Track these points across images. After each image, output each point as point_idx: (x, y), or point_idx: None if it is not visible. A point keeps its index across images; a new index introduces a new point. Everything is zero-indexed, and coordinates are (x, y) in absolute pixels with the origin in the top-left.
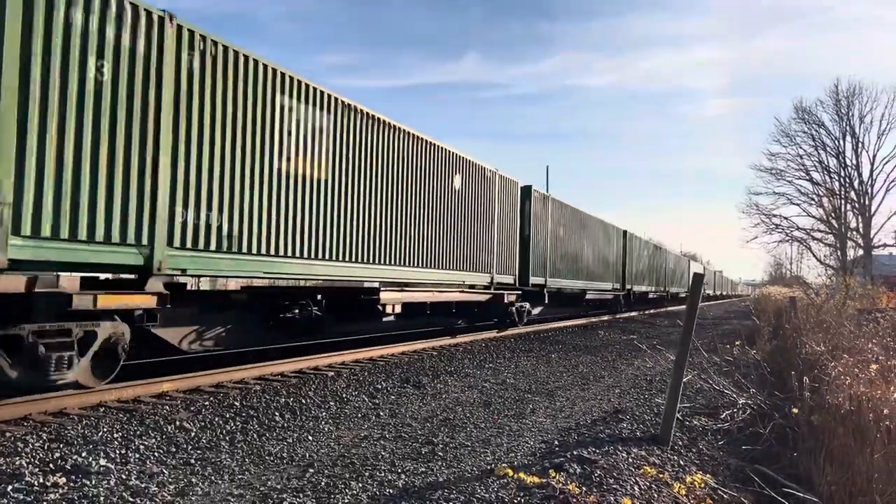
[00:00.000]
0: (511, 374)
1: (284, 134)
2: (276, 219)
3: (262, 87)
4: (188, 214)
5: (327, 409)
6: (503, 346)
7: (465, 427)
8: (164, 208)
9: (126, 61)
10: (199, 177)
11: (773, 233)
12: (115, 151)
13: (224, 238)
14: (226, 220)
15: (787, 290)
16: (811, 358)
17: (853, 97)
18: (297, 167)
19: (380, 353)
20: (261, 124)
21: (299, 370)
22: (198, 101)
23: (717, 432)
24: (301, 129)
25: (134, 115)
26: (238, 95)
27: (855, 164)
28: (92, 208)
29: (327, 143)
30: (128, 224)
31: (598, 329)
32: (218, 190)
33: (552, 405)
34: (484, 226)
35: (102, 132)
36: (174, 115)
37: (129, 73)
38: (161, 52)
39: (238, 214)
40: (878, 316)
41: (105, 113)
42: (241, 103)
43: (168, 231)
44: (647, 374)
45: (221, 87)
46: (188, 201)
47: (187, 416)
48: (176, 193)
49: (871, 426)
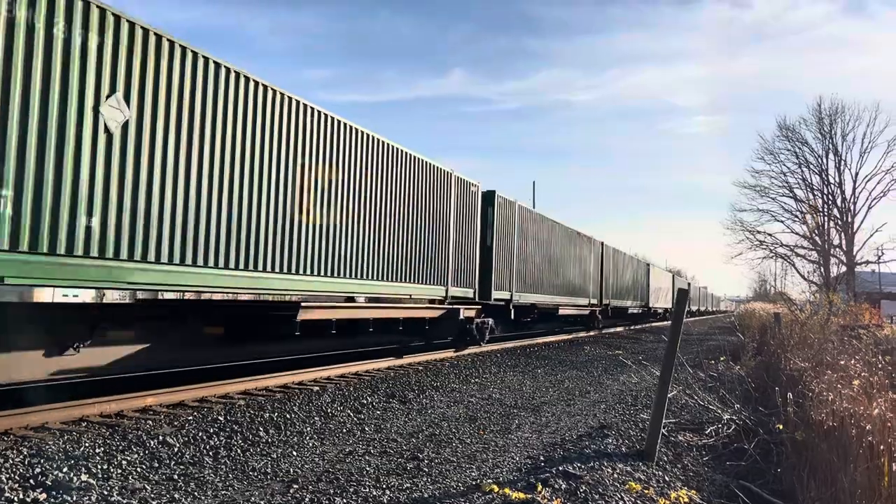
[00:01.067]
0: (497, 389)
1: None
2: (142, 214)
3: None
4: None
5: (312, 425)
6: (489, 360)
7: (451, 442)
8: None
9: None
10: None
11: (757, 249)
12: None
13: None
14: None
15: (771, 306)
16: (795, 374)
17: (835, 116)
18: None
19: (365, 367)
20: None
21: (284, 385)
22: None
23: (702, 448)
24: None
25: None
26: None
27: (838, 182)
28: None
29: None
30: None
31: (583, 345)
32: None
33: (538, 420)
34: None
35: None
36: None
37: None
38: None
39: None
40: (860, 332)
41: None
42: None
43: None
44: (633, 390)
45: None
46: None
47: (171, 431)
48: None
49: (853, 442)
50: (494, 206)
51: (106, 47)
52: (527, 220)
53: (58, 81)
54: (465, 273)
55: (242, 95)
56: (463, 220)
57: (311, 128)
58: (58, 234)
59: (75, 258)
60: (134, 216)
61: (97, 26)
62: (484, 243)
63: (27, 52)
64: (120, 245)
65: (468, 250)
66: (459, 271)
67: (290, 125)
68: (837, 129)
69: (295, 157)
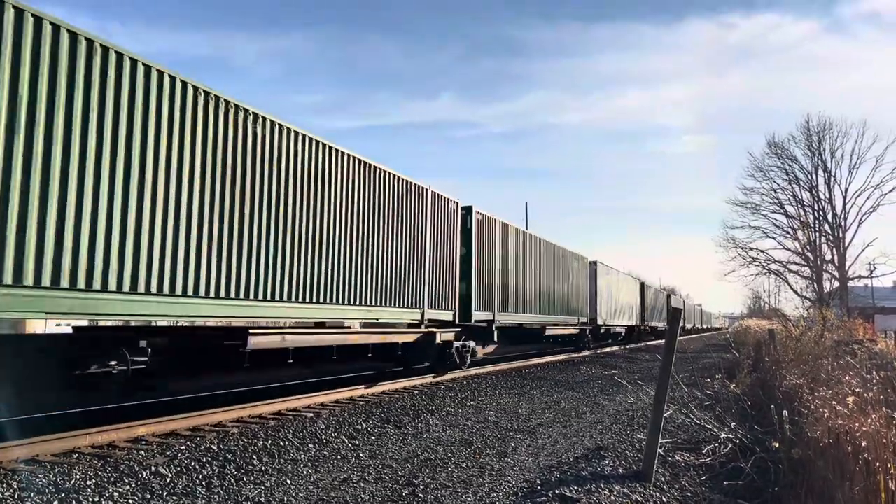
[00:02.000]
0: (493, 411)
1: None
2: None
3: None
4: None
5: (306, 452)
6: (484, 383)
7: (447, 467)
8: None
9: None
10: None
11: (750, 266)
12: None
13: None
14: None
15: (765, 322)
16: (790, 391)
17: (824, 132)
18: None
19: (360, 392)
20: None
21: (278, 412)
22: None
23: (699, 467)
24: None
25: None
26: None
27: (828, 198)
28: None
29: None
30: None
31: (579, 365)
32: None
33: (534, 443)
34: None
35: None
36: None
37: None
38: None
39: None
40: (855, 347)
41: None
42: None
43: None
44: (629, 410)
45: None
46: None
47: (163, 461)
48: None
49: (850, 459)
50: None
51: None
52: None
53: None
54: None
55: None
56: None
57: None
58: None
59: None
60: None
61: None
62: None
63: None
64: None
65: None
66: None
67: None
68: (826, 146)
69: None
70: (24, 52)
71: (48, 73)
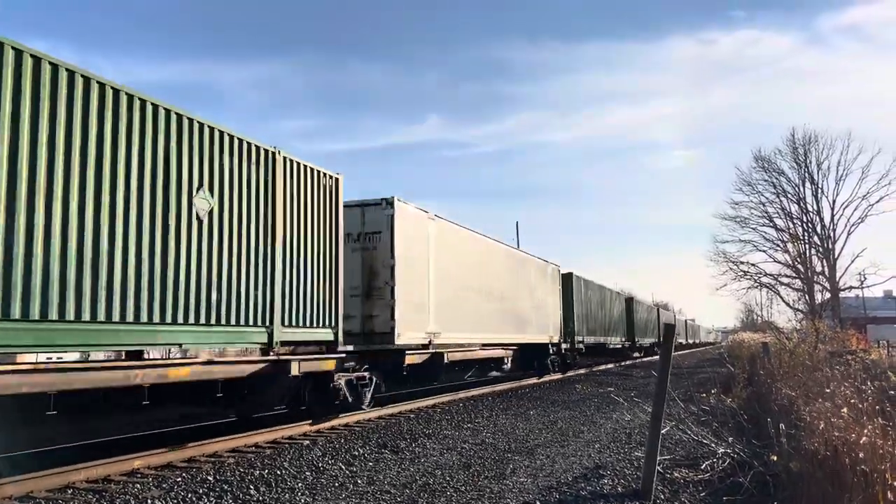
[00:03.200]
0: (490, 433)
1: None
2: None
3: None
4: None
5: (303, 480)
6: (480, 404)
7: (445, 491)
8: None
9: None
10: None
11: (741, 280)
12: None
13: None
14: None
15: (759, 335)
16: (786, 403)
17: (809, 145)
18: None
19: (356, 418)
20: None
21: (274, 440)
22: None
23: (698, 483)
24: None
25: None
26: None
27: (816, 210)
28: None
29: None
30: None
31: (574, 383)
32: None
33: (532, 464)
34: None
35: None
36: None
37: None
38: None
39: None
40: (849, 358)
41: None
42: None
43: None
44: (626, 428)
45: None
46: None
47: (159, 494)
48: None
49: (847, 471)
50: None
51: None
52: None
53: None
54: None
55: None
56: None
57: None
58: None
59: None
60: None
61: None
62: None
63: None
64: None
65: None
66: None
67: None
68: (812, 158)
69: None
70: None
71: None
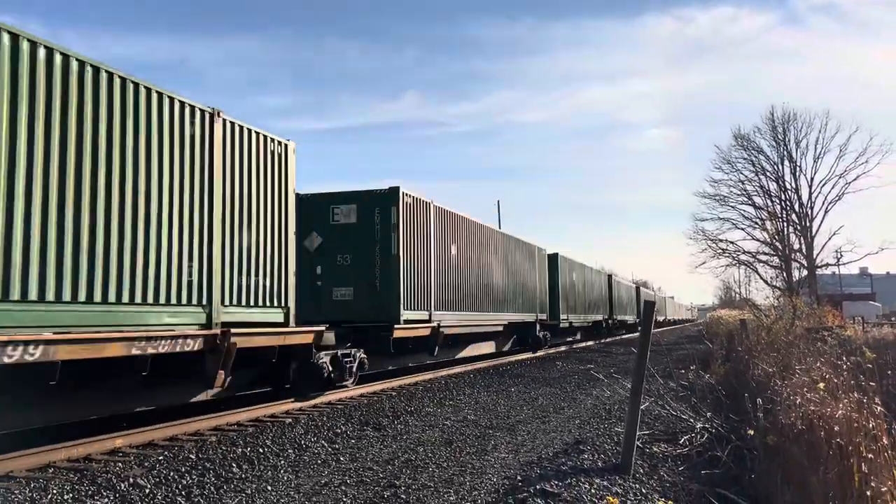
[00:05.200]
0: (471, 410)
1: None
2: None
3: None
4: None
5: (286, 458)
6: (462, 382)
7: (428, 467)
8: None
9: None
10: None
11: (720, 257)
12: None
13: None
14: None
15: (737, 312)
16: (763, 379)
17: (788, 123)
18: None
19: (338, 396)
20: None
21: (256, 418)
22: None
23: (676, 458)
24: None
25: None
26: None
27: (794, 188)
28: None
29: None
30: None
31: (556, 360)
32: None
33: (514, 440)
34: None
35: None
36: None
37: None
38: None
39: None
40: (825, 334)
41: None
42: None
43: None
44: (606, 404)
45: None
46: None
47: (141, 473)
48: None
49: (823, 444)
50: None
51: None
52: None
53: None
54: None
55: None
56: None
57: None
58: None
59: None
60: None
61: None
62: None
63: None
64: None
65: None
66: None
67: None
68: (791, 137)
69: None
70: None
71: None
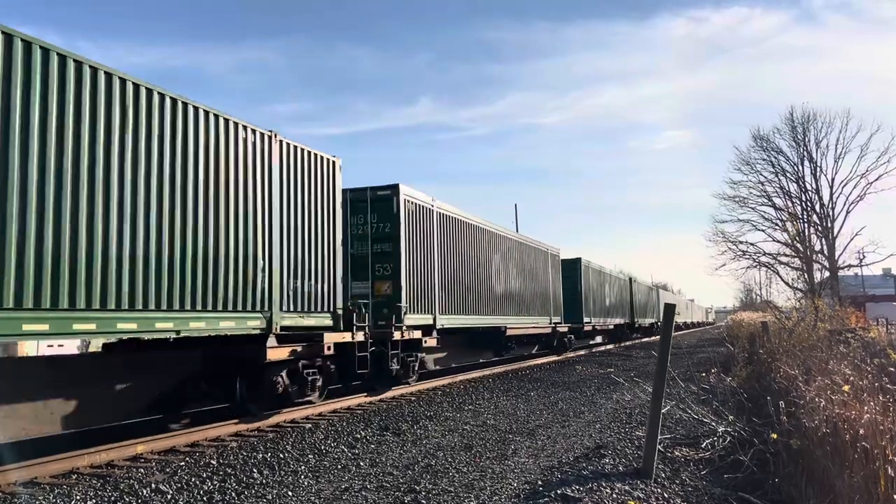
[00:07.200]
0: (491, 414)
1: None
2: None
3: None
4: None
5: (306, 463)
6: (481, 386)
7: (448, 472)
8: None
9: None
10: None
11: (740, 259)
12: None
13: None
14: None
15: (758, 315)
16: (786, 382)
17: (808, 123)
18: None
19: (357, 402)
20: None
21: (276, 424)
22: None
23: (699, 462)
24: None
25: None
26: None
27: (815, 188)
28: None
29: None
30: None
31: (575, 364)
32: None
33: (534, 444)
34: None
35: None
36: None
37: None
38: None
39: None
40: (848, 336)
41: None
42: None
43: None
44: (627, 408)
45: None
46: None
47: (163, 478)
48: None
49: (848, 447)
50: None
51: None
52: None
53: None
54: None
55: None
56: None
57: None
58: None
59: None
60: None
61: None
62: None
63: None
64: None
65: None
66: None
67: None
68: (811, 137)
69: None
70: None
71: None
